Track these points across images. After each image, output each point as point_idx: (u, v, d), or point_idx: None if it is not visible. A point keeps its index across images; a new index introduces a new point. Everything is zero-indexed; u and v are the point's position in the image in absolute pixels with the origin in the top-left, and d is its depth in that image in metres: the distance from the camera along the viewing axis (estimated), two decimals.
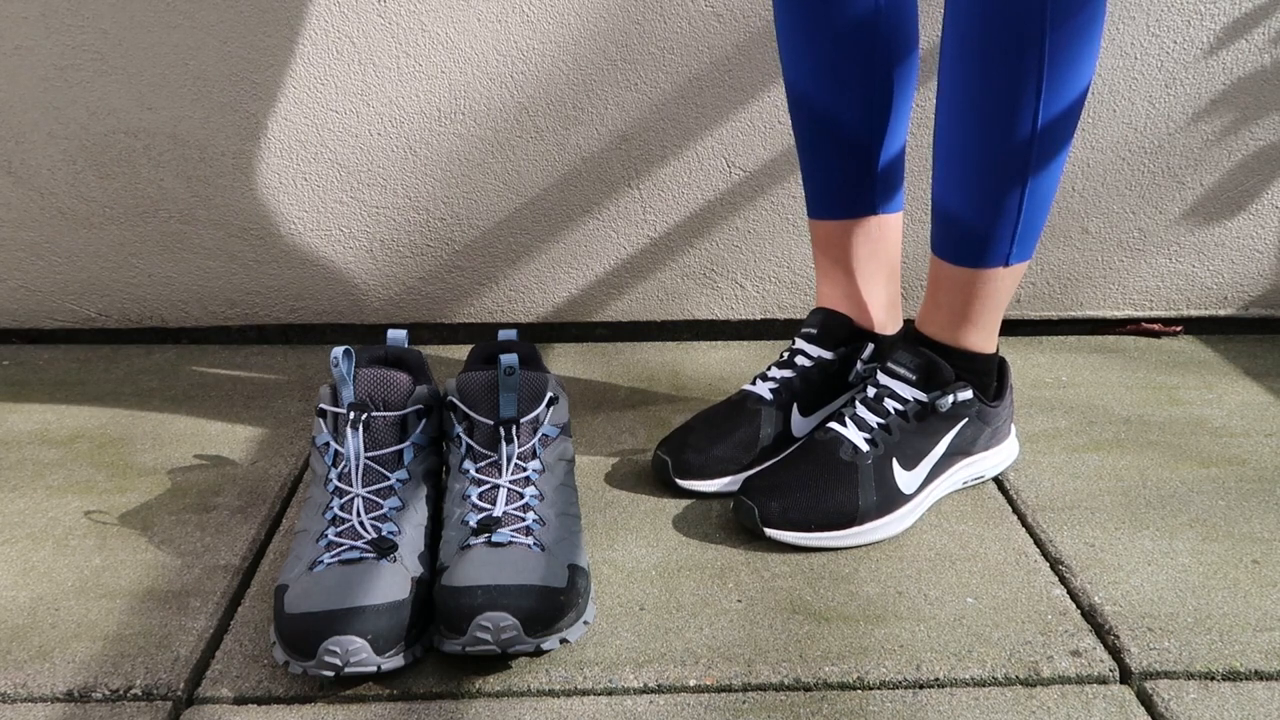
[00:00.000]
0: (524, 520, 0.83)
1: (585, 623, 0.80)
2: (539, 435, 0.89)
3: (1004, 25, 0.84)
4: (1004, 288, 0.95)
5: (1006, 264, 0.93)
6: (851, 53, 0.98)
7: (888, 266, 1.06)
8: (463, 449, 0.88)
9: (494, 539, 0.80)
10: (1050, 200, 0.93)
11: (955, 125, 0.90)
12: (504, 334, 0.97)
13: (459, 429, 0.88)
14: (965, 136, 0.90)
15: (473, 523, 0.82)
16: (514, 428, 0.87)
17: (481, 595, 0.75)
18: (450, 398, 0.89)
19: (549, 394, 0.90)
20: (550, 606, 0.76)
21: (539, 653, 0.77)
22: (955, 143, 0.91)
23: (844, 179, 1.03)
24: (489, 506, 0.84)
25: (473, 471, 0.86)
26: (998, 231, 0.92)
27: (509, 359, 0.87)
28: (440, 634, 0.77)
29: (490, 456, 0.87)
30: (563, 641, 0.77)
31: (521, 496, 0.85)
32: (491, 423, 0.87)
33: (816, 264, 1.08)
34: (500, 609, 0.75)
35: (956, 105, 0.89)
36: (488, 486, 0.85)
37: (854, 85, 0.99)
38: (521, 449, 0.87)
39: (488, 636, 0.75)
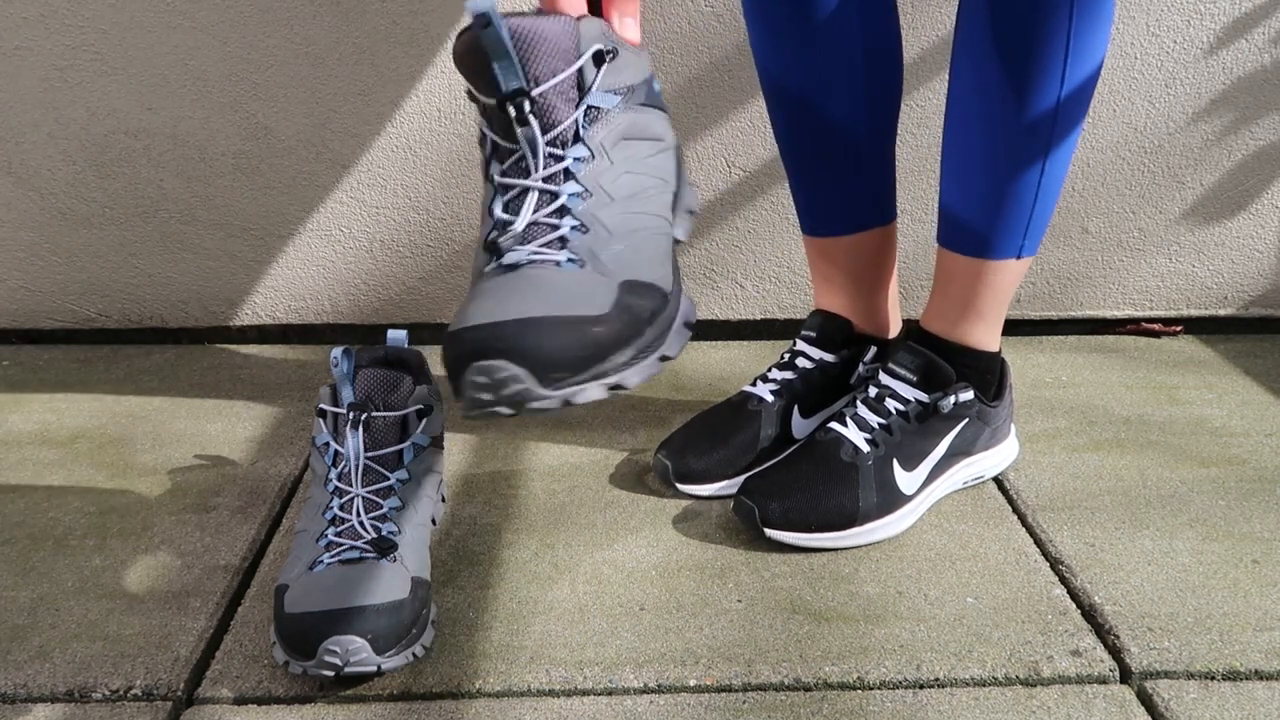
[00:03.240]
0: (558, 229, 0.65)
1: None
2: (583, 108, 0.66)
3: None
4: (1012, 281, 0.96)
5: (1019, 256, 0.95)
6: (839, 61, 0.97)
7: (888, 272, 1.06)
8: (488, 148, 0.68)
9: (504, 261, 0.64)
10: (1058, 192, 0.94)
11: (975, 103, 0.90)
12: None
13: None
14: (988, 112, 0.90)
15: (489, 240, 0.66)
16: (525, 104, 0.64)
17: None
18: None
19: (596, 46, 0.65)
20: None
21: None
22: (974, 124, 0.91)
23: (850, 194, 1.02)
24: (511, 217, 0.65)
25: (497, 177, 0.67)
26: (1012, 221, 0.93)
27: (477, 5, 0.63)
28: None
29: (515, 151, 0.66)
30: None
31: (556, 198, 0.65)
32: (494, 101, 0.65)
33: (814, 274, 1.08)
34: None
35: (981, 79, 0.89)
36: (515, 192, 0.66)
37: (851, 92, 0.98)
38: (551, 134, 0.65)
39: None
